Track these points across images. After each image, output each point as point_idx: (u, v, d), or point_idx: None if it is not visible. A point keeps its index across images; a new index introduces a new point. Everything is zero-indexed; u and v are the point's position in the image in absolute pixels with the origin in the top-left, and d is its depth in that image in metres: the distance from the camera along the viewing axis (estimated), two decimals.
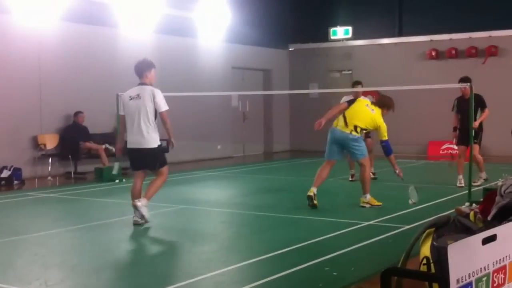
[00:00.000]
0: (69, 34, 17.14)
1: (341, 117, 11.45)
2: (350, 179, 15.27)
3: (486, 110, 13.82)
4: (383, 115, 11.43)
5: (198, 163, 20.35)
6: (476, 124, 13.15)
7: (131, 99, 10.14)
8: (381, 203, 11.20)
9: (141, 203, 9.51)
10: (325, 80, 24.87)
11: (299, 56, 25.88)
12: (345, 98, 14.95)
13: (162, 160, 10.05)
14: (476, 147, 13.40)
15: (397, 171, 11.51)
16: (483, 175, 14.16)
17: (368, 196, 11.24)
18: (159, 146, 9.91)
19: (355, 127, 11.14)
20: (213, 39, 21.94)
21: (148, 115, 9.85)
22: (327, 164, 11.51)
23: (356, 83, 15.34)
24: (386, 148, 11.26)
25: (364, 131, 11.55)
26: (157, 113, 9.98)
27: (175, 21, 20.28)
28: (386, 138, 11.27)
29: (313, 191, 11.18)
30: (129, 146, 9.89)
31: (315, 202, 11.05)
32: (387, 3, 24.22)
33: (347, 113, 11.37)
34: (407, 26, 23.92)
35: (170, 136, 10.16)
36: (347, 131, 11.18)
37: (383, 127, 11.26)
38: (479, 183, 13.73)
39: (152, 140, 9.80)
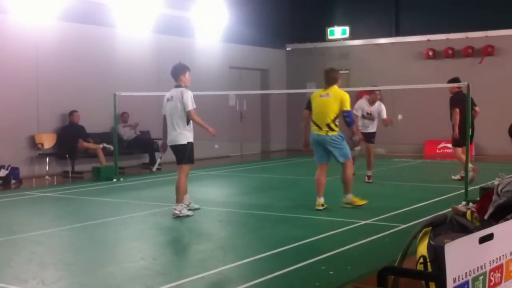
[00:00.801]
0: (66, 33, 17.13)
1: (312, 123, 11.07)
2: (367, 180, 14.90)
3: (457, 110, 14.41)
4: (340, 85, 11.33)
5: (196, 162, 20.28)
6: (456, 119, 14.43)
7: (167, 101, 10.98)
8: (364, 202, 11.06)
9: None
10: (322, 80, 24.76)
11: (297, 56, 25.89)
12: (359, 103, 14.93)
13: (188, 157, 10.80)
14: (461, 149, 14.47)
15: (356, 137, 11.64)
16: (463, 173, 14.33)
17: (350, 196, 11.06)
18: (188, 143, 10.73)
19: (328, 125, 10.78)
20: (211, 38, 21.94)
21: (179, 114, 10.67)
22: (320, 169, 11.16)
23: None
24: (347, 119, 10.88)
25: (337, 120, 10.92)
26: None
27: (173, 20, 20.28)
28: (348, 109, 10.92)
29: (320, 203, 10.93)
30: (168, 144, 10.85)
31: (325, 206, 10.94)
32: (384, 3, 24.24)
33: (314, 117, 11.03)
34: (404, 26, 23.94)
35: (205, 128, 11.15)
36: (323, 133, 10.82)
37: (345, 98, 10.97)
38: (457, 177, 14.74)
39: (182, 136, 10.65)
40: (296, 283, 6.45)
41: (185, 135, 10.69)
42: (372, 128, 15.03)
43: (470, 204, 7.48)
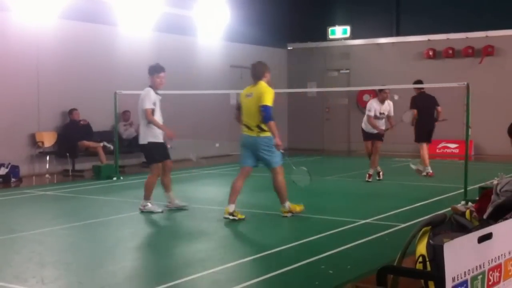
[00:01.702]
0: (67, 32, 17.12)
1: (242, 125, 10.31)
2: (378, 178, 14.95)
3: (414, 110, 15.41)
4: (268, 82, 10.51)
5: (196, 161, 20.30)
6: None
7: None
8: (302, 208, 10.34)
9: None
10: (323, 79, 24.90)
11: (298, 55, 25.89)
12: (371, 103, 14.98)
13: (149, 156, 11.02)
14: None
15: (276, 141, 10.08)
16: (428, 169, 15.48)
17: (288, 204, 10.18)
18: (149, 143, 10.75)
19: (258, 126, 9.99)
20: (212, 37, 21.93)
21: (140, 113, 10.88)
22: (241, 172, 10.45)
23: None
24: (264, 113, 9.89)
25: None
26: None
27: (174, 19, 20.27)
28: (265, 103, 9.95)
29: (228, 210, 10.02)
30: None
31: (238, 217, 9.96)
32: (385, 3, 24.23)
33: (243, 118, 10.27)
34: (405, 26, 23.93)
35: (161, 129, 10.90)
36: (254, 134, 10.04)
37: (263, 91, 10.11)
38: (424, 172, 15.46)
39: (143, 136, 10.83)
40: (296, 282, 6.45)
41: (146, 135, 10.72)
42: (381, 126, 14.96)
43: (469, 203, 7.48)
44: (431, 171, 15.49)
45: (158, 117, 10.82)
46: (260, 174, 17.06)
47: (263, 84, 10.34)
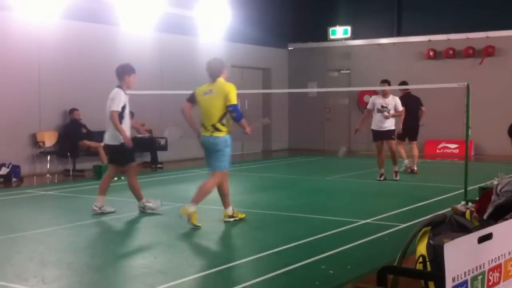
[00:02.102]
0: (69, 31, 17.11)
1: (200, 125, 9.96)
2: (379, 178, 15.00)
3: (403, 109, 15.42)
4: (226, 78, 10.16)
5: (197, 161, 20.32)
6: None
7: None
8: (243, 216, 9.89)
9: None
10: (324, 79, 24.91)
11: (298, 55, 25.88)
12: (371, 99, 15.12)
13: (115, 158, 10.96)
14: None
15: (246, 130, 10.06)
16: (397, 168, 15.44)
17: (193, 208, 9.48)
18: (119, 144, 10.63)
19: (213, 126, 9.66)
20: (213, 37, 21.92)
21: (108, 114, 10.65)
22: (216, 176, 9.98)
23: (385, 81, 15.71)
24: (234, 113, 9.65)
25: (224, 119, 9.75)
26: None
27: (176, 19, 20.26)
28: (233, 102, 9.64)
29: (227, 213, 9.91)
30: None
31: (239, 216, 9.88)
32: (386, 3, 24.22)
33: (201, 117, 9.92)
34: (406, 26, 23.93)
35: (119, 132, 10.62)
36: (208, 134, 9.73)
37: (229, 90, 9.74)
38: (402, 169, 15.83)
39: (111, 137, 10.67)
40: (296, 282, 6.45)
41: (117, 136, 10.53)
42: (389, 125, 14.98)
43: (469, 204, 7.47)
44: (415, 168, 16.12)
45: (127, 118, 10.76)
46: (260, 174, 17.11)
47: (223, 81, 9.92)
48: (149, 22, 19.29)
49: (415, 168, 16.24)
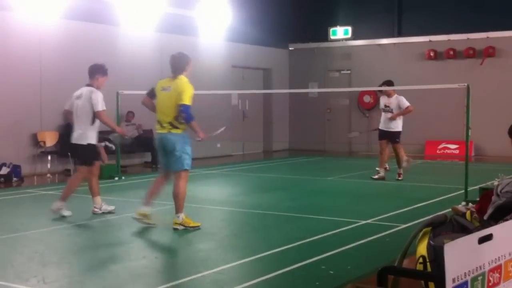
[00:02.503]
0: (70, 31, 17.12)
1: (156, 122, 9.58)
2: (374, 176, 15.15)
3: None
4: (188, 75, 9.70)
5: (198, 161, 20.33)
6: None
7: (77, 98, 10.87)
8: (199, 224, 9.27)
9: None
10: (325, 80, 24.90)
11: (299, 56, 25.88)
12: (381, 100, 15.22)
13: (85, 158, 10.80)
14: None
15: (199, 138, 9.81)
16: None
17: (182, 216, 9.21)
18: (88, 144, 10.61)
19: (170, 123, 9.27)
20: (214, 37, 21.93)
21: (86, 113, 10.61)
22: (160, 174, 9.82)
23: (385, 83, 15.58)
24: (184, 114, 9.17)
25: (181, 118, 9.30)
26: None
27: (176, 19, 20.27)
28: (184, 102, 9.13)
29: (141, 212, 9.43)
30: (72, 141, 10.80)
31: (150, 222, 9.40)
32: (387, 4, 24.21)
33: (157, 114, 9.54)
34: (406, 27, 23.93)
35: (113, 128, 11.22)
36: (165, 131, 9.32)
37: (183, 89, 9.25)
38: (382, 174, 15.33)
39: (84, 136, 10.58)
40: (297, 282, 6.45)
41: (86, 136, 10.50)
42: (394, 126, 15.07)
43: (470, 204, 7.48)
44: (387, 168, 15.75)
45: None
46: (261, 174, 17.12)
47: (183, 79, 9.46)
48: (149, 22, 19.30)
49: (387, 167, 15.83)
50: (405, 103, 15.03)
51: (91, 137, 10.56)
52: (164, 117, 9.29)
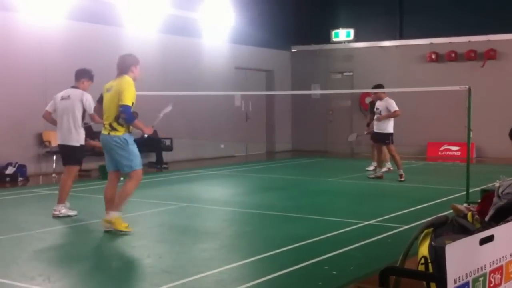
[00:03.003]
0: (74, 32, 17.14)
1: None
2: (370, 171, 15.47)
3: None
4: (135, 78, 9.55)
5: (201, 161, 20.37)
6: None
7: (62, 99, 11.00)
8: (129, 230, 8.90)
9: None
10: (327, 81, 24.91)
11: (301, 57, 25.89)
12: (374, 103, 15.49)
13: (77, 159, 10.83)
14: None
15: (146, 134, 10.03)
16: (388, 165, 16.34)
17: (115, 214, 8.90)
18: (80, 145, 10.69)
19: (110, 125, 9.00)
20: (217, 39, 21.95)
21: (76, 114, 10.69)
22: (109, 178, 9.38)
23: (375, 87, 15.92)
24: (124, 115, 8.88)
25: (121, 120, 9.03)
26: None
27: (180, 21, 20.29)
28: (124, 103, 8.86)
29: (106, 219, 9.00)
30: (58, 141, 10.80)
31: (127, 229, 8.98)
32: (388, 7, 24.21)
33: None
34: (408, 29, 23.92)
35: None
36: (106, 132, 9.06)
37: (123, 88, 9.04)
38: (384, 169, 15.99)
39: (73, 137, 10.59)
40: (299, 282, 6.46)
41: (77, 137, 10.53)
42: (384, 128, 15.21)
43: (471, 205, 7.47)
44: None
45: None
46: (263, 175, 17.12)
47: (126, 79, 9.24)
48: (153, 24, 19.32)
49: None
50: (394, 106, 15.19)
51: (82, 138, 10.60)
52: (106, 118, 9.11)
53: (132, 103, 9.07)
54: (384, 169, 15.72)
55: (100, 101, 9.54)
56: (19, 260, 7.45)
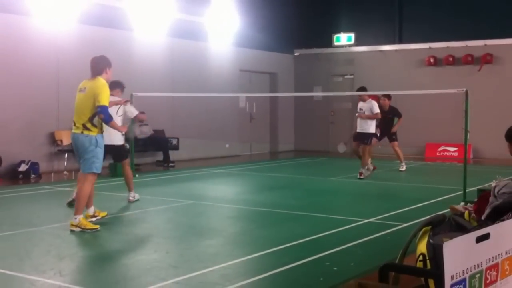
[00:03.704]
0: (86, 36, 17.15)
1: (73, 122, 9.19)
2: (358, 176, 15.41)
3: (401, 119, 17.29)
4: (108, 79, 9.32)
5: (207, 160, 20.37)
6: (395, 129, 17.16)
7: None
8: (97, 227, 8.86)
9: None
10: (328, 84, 24.91)
11: (304, 61, 25.88)
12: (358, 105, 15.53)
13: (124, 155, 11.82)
14: (396, 143, 17.28)
15: (123, 132, 10.01)
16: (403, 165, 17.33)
17: (79, 218, 8.77)
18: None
19: (84, 125, 8.87)
20: (223, 43, 21.94)
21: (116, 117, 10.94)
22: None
23: (359, 89, 15.99)
24: (101, 115, 8.81)
25: (95, 119, 8.91)
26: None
27: (187, 25, 20.30)
28: (101, 103, 8.77)
29: (89, 214, 9.33)
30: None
31: (101, 215, 9.44)
32: (388, 12, 24.19)
33: (74, 111, 9.15)
34: (407, 34, 23.90)
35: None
36: (78, 131, 8.93)
37: (99, 91, 8.87)
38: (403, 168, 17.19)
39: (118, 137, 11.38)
40: (302, 278, 6.46)
41: (120, 137, 11.31)
42: (366, 127, 15.61)
43: (468, 204, 7.46)
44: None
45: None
46: (267, 174, 17.11)
47: (100, 80, 9.07)
48: (161, 28, 19.33)
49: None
50: (376, 109, 15.61)
51: (123, 138, 11.55)
52: (78, 118, 8.95)
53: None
54: (370, 166, 15.78)
55: None
56: (32, 254, 7.46)
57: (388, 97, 17.30)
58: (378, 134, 16.43)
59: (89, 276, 6.68)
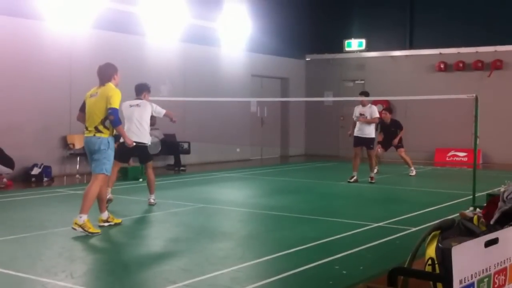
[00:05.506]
0: (99, 40, 17.20)
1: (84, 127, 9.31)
2: (349, 180, 15.54)
3: (403, 131, 17.48)
4: (116, 85, 9.46)
5: (218, 164, 20.38)
6: (395, 141, 17.22)
7: (131, 106, 11.56)
8: (98, 231, 8.84)
9: None
10: (339, 89, 24.90)
11: (315, 66, 25.89)
12: (356, 109, 15.52)
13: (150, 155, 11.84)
14: (403, 150, 17.38)
15: (126, 140, 9.53)
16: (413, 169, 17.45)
17: (84, 218, 8.72)
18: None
19: (96, 128, 8.98)
20: (235, 48, 21.98)
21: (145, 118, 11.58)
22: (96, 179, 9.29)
23: (362, 93, 15.98)
24: (112, 117, 8.89)
25: (107, 122, 9.01)
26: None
27: (199, 30, 20.34)
28: (113, 106, 8.89)
29: (102, 218, 9.40)
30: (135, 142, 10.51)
31: (114, 221, 9.45)
32: (399, 18, 24.17)
33: (86, 119, 9.23)
34: (418, 40, 23.86)
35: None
36: (91, 134, 9.05)
37: (111, 94, 9.06)
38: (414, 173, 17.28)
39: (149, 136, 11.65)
40: (311, 281, 6.44)
41: (148, 137, 11.50)
42: (368, 132, 15.59)
43: (477, 209, 7.43)
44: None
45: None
46: (277, 178, 17.11)
47: (112, 86, 9.30)
48: (174, 33, 19.37)
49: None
50: (376, 113, 15.63)
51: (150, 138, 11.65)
52: (90, 122, 9.06)
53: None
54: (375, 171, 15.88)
55: (82, 109, 9.49)
56: (43, 256, 7.48)
57: (389, 110, 17.56)
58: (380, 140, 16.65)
59: (100, 278, 6.69)
